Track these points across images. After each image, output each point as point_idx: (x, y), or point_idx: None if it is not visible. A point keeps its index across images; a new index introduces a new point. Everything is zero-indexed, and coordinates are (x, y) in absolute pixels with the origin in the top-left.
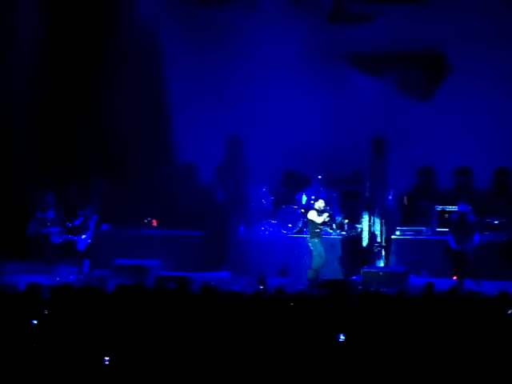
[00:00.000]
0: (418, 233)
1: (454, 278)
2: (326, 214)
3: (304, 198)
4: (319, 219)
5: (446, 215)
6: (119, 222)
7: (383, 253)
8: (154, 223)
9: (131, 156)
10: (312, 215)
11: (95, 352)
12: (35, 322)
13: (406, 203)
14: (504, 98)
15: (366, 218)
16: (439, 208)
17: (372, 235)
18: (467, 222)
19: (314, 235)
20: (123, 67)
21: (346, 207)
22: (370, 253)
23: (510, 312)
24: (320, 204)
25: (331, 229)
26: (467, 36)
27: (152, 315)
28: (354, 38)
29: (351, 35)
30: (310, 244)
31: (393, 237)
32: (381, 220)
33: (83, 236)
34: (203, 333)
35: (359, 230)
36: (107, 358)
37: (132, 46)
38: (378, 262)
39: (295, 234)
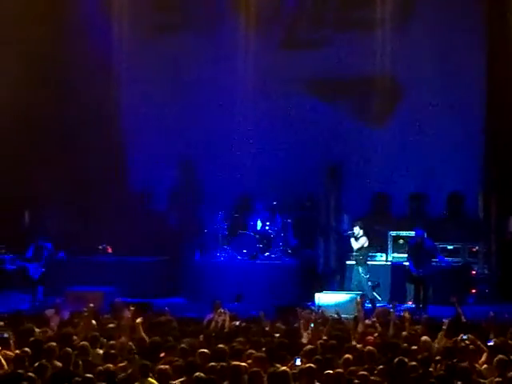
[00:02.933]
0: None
1: (410, 303)
2: (363, 239)
3: (259, 224)
4: (355, 245)
5: (401, 241)
6: (74, 248)
7: (338, 278)
8: (109, 250)
9: (85, 182)
10: (352, 242)
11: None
12: None
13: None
14: (456, 124)
15: (320, 244)
16: (394, 233)
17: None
18: (424, 247)
19: (357, 262)
20: (78, 93)
21: (301, 233)
22: (325, 278)
23: (465, 337)
24: (356, 230)
25: (287, 253)
26: (420, 61)
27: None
28: (307, 64)
29: (305, 61)
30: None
31: (347, 262)
32: (335, 245)
33: (36, 264)
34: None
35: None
36: None
37: (87, 73)
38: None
39: (250, 259)
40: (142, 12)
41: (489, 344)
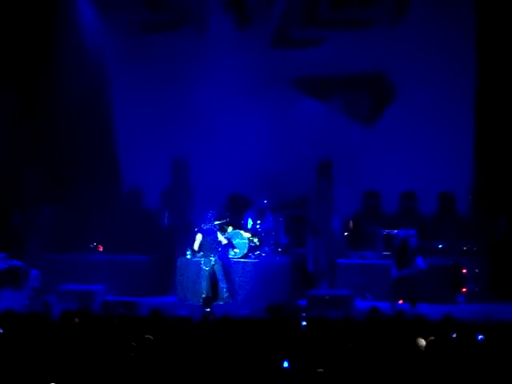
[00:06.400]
0: (363, 257)
1: (400, 302)
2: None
3: (250, 222)
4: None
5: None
6: (65, 247)
7: (328, 277)
8: (100, 248)
9: (77, 181)
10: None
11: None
12: None
13: (351, 227)
14: (447, 123)
15: (311, 242)
16: (385, 232)
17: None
18: (409, 247)
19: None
20: (68, 92)
21: (292, 231)
22: (316, 277)
23: (453, 336)
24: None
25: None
26: (411, 61)
27: (99, 340)
28: (299, 62)
29: (297, 59)
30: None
31: (338, 261)
32: (326, 244)
33: None
34: (150, 358)
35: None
36: None
37: (78, 72)
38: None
39: (241, 258)
40: (132, 10)
41: (479, 339)
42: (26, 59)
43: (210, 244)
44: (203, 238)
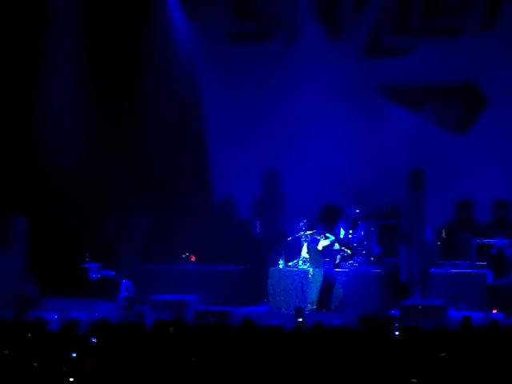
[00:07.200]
0: (457, 266)
1: (494, 311)
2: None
3: (342, 232)
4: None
5: (486, 249)
6: (158, 257)
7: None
8: (193, 258)
9: (169, 191)
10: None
11: None
12: (74, 355)
13: (444, 237)
14: None
15: (403, 252)
16: (478, 241)
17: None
18: (506, 256)
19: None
20: (161, 102)
21: (384, 241)
22: (408, 286)
23: None
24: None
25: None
26: (504, 68)
27: (191, 350)
28: (390, 72)
29: (387, 69)
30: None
31: (431, 270)
32: (419, 253)
33: None
34: (243, 368)
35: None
36: None
37: (169, 83)
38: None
39: (333, 267)
40: (222, 19)
41: None
42: (116, 65)
43: (314, 253)
44: (307, 246)
